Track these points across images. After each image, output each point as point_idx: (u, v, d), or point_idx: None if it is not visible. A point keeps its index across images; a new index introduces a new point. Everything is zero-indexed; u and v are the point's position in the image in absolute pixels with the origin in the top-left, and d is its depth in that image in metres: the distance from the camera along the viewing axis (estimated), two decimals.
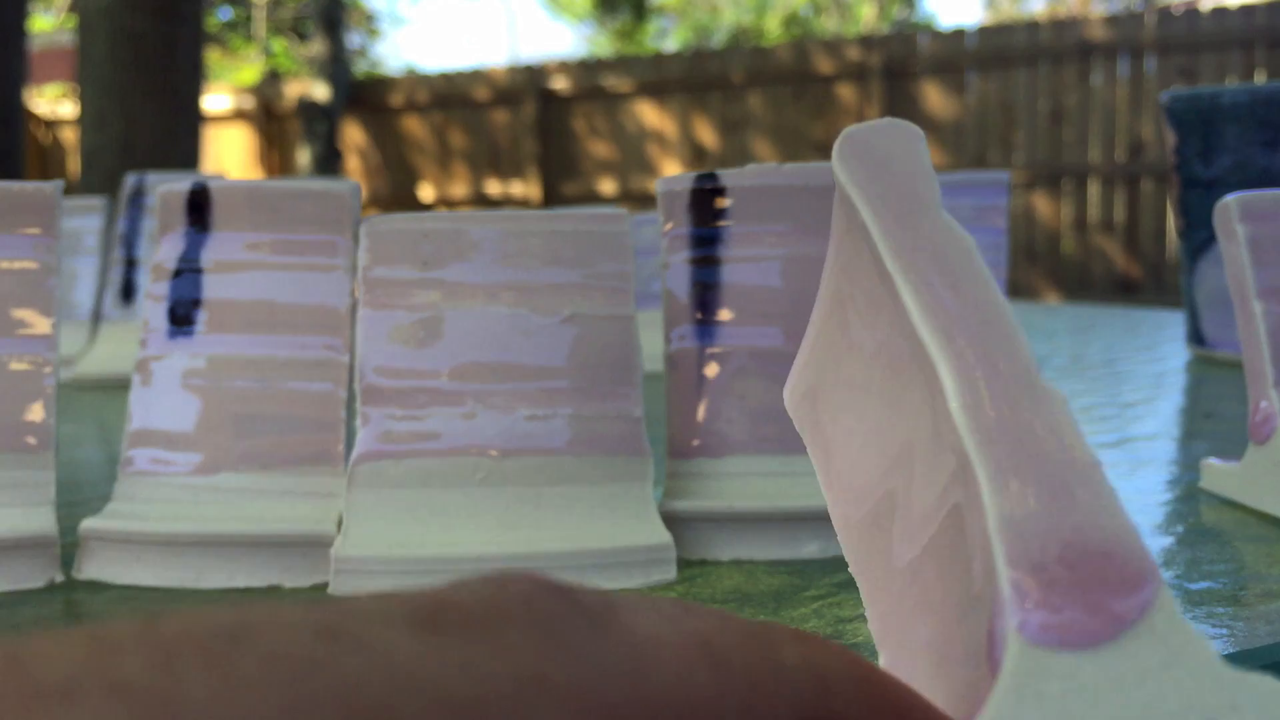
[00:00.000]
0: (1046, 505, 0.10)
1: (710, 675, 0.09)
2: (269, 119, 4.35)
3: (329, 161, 4.05)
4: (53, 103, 4.73)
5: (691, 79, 3.74)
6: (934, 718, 0.10)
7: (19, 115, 2.23)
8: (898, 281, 0.11)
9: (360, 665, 0.09)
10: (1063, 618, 0.09)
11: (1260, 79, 3.03)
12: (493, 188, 4.02)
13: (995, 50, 3.33)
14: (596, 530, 0.27)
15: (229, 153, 4.35)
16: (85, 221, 0.65)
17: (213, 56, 6.07)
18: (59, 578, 0.27)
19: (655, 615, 0.10)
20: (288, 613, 0.09)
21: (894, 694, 0.10)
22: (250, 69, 6.60)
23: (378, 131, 4.25)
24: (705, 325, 0.30)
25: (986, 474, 0.10)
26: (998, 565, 0.09)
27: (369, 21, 7.26)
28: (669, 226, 0.31)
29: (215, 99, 4.27)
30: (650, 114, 3.83)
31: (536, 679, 0.09)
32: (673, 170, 3.58)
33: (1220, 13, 3.16)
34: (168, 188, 0.31)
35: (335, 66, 4.18)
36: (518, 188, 3.97)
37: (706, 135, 3.73)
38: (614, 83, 3.86)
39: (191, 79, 2.33)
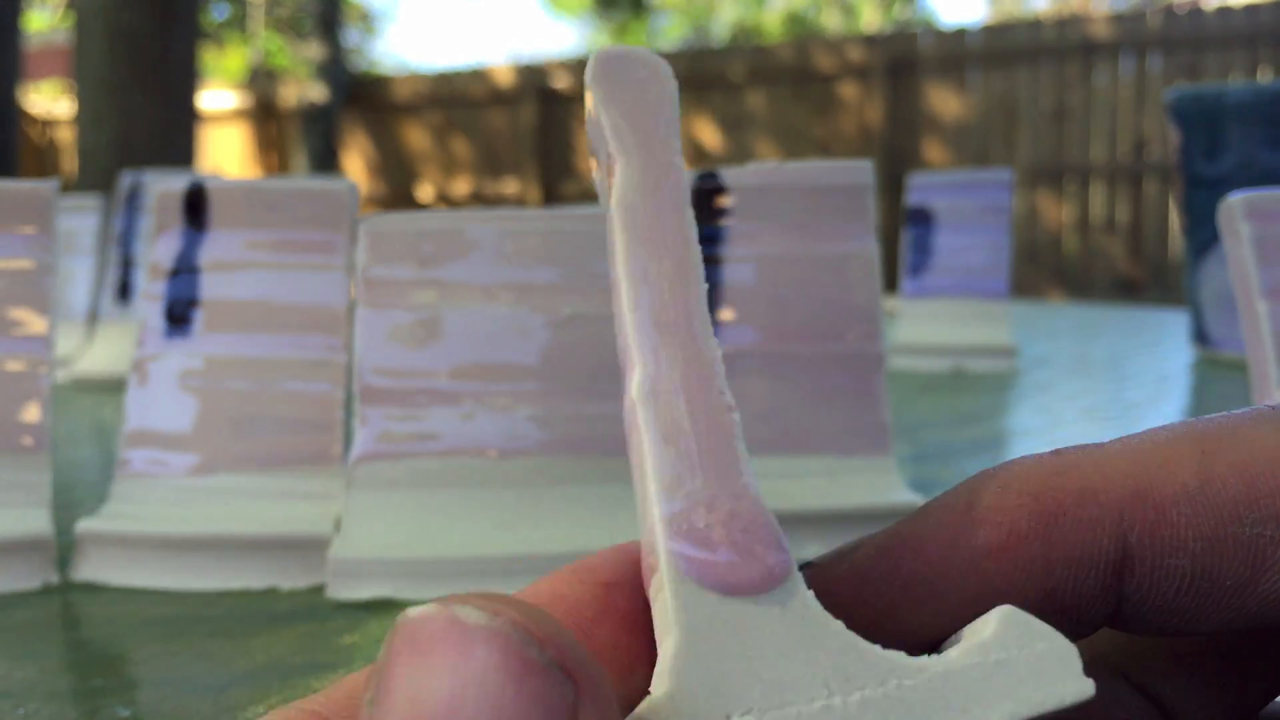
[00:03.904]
0: (699, 465, 0.10)
1: None
2: (266, 117, 4.35)
3: (327, 160, 4.05)
4: (48, 101, 4.73)
5: (692, 77, 3.74)
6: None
7: (14, 113, 2.23)
8: (616, 243, 0.11)
9: None
10: (724, 562, 0.10)
11: (1265, 77, 3.03)
12: (492, 187, 4.02)
13: (998, 48, 3.33)
14: (596, 531, 0.27)
15: (226, 151, 4.35)
16: (81, 220, 0.64)
17: (208, 54, 6.07)
18: (55, 579, 0.27)
19: None
20: None
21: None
22: (236, 56, 6.60)
23: (376, 130, 4.25)
24: None
25: (649, 438, 0.10)
26: (654, 510, 0.10)
27: (366, 20, 7.26)
28: None
29: (212, 97, 4.27)
30: None
31: None
32: None
33: (1225, 11, 3.15)
34: (164, 187, 0.31)
35: (333, 65, 4.18)
36: (517, 187, 3.97)
37: (707, 134, 3.73)
38: None
39: (187, 77, 2.33)
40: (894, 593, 0.11)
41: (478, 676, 0.08)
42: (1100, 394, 0.55)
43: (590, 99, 0.12)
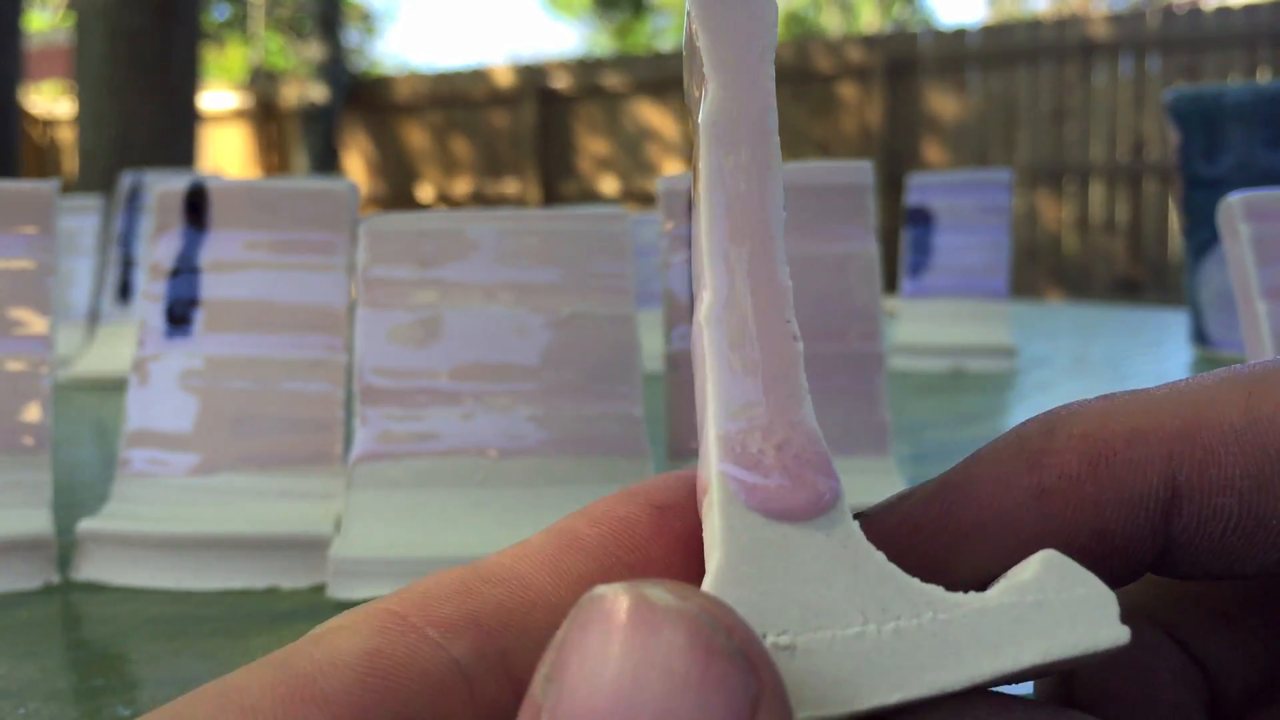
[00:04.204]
0: (761, 390, 0.10)
1: None
2: (267, 118, 4.34)
3: (327, 160, 4.05)
4: (49, 101, 4.73)
5: None
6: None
7: (15, 114, 2.23)
8: (702, 164, 0.11)
9: None
10: (773, 485, 0.10)
11: (1264, 78, 3.03)
12: (492, 187, 4.01)
13: (997, 49, 3.33)
14: None
15: (226, 152, 4.35)
16: (82, 221, 0.64)
17: (208, 54, 6.07)
18: (56, 579, 0.27)
19: None
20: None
21: None
22: (238, 57, 6.60)
23: (376, 131, 4.25)
24: None
25: (712, 360, 0.10)
26: (710, 431, 0.10)
27: (366, 20, 7.26)
28: (669, 226, 0.31)
29: (213, 98, 4.27)
30: (650, 113, 3.83)
31: None
32: (673, 169, 3.57)
33: (1224, 11, 3.15)
34: (165, 187, 0.31)
35: (333, 65, 4.18)
36: (517, 187, 3.97)
37: None
38: (613, 82, 3.85)
39: (188, 77, 2.33)
40: (946, 537, 0.11)
41: (663, 657, 0.08)
42: (1100, 394, 0.55)
43: (689, 19, 0.12)
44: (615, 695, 0.08)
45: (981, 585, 0.11)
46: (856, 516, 0.12)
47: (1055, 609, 0.10)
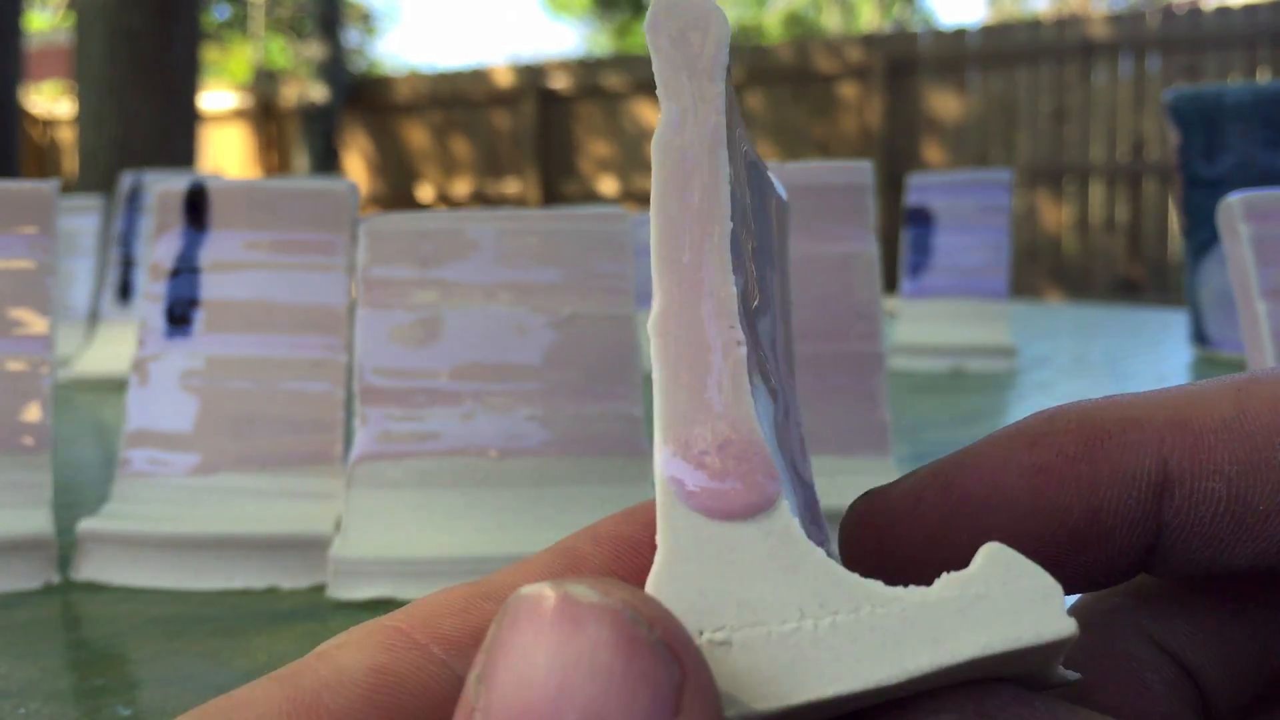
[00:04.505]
0: (702, 394, 0.10)
1: None
2: (267, 118, 4.34)
3: (327, 161, 4.05)
4: (49, 101, 4.73)
5: None
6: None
7: (15, 114, 2.23)
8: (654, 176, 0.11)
9: None
10: (712, 487, 0.10)
11: (1264, 78, 3.03)
12: (492, 187, 4.01)
13: (997, 49, 3.33)
14: None
15: (227, 152, 4.35)
16: (82, 221, 0.64)
17: (208, 54, 6.07)
18: (56, 579, 0.27)
19: None
20: None
21: None
22: (241, 58, 6.60)
23: (376, 131, 4.25)
24: None
25: (655, 368, 0.11)
26: (656, 434, 0.10)
27: (366, 20, 7.26)
28: None
29: (213, 98, 4.27)
30: (650, 113, 3.82)
31: None
32: None
33: (1223, 11, 3.15)
34: (165, 187, 0.31)
35: (333, 65, 4.18)
36: (517, 187, 3.97)
37: None
38: (614, 82, 3.85)
39: (188, 78, 2.33)
40: (945, 509, 0.12)
41: (588, 653, 0.08)
42: (1099, 394, 0.55)
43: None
44: (544, 692, 0.08)
45: None
46: (865, 494, 0.12)
47: (997, 602, 0.10)
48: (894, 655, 0.09)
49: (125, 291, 0.59)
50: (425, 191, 4.12)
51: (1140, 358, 0.67)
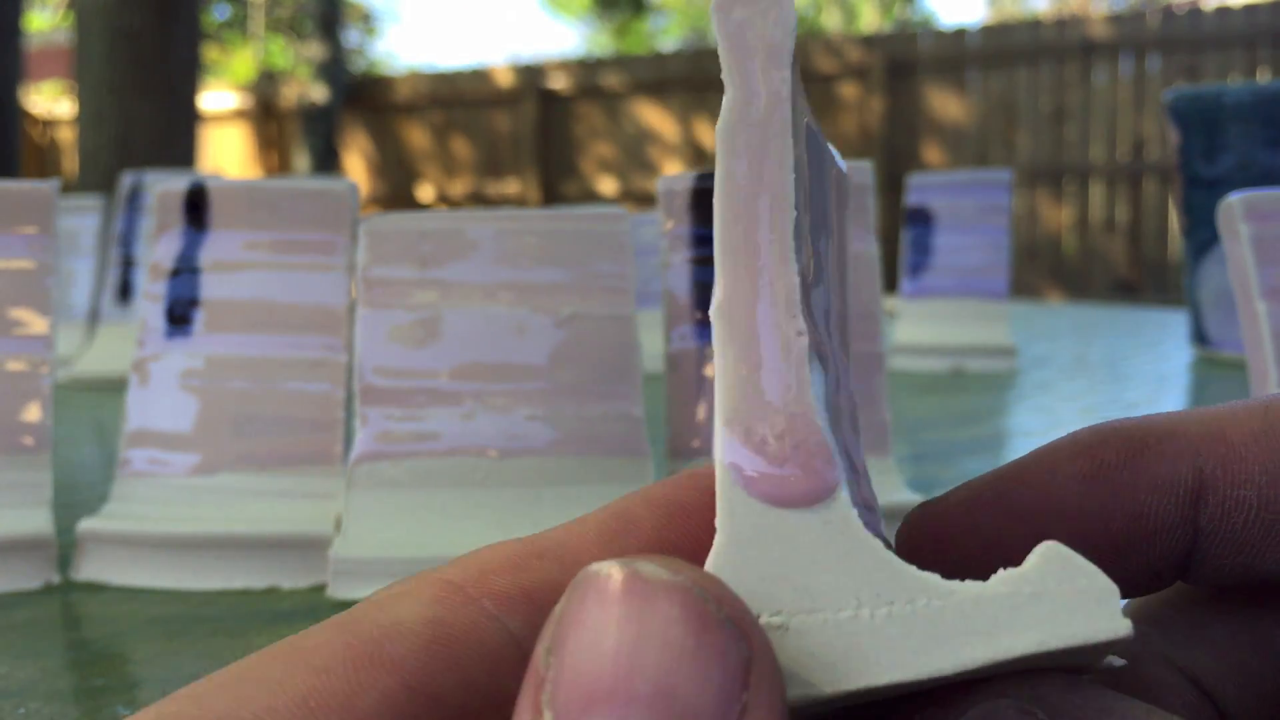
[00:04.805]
0: (762, 382, 0.11)
1: None
2: (267, 118, 4.35)
3: (327, 161, 4.05)
4: (49, 101, 4.73)
5: (692, 78, 3.74)
6: None
7: (15, 114, 2.23)
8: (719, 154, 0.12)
9: None
10: (773, 474, 0.10)
11: (1264, 78, 3.03)
12: (492, 187, 4.02)
13: (997, 49, 3.33)
14: None
15: (227, 152, 4.35)
16: (82, 221, 0.64)
17: (209, 54, 6.08)
18: (56, 579, 0.27)
19: None
20: None
21: None
22: (244, 58, 6.60)
23: (376, 131, 4.25)
24: (705, 325, 0.30)
25: (716, 353, 0.11)
26: (716, 419, 0.10)
27: (366, 20, 7.26)
28: (669, 226, 0.31)
29: (213, 98, 4.27)
30: (650, 113, 3.83)
31: None
32: (673, 170, 3.57)
33: (1223, 11, 3.15)
34: (165, 187, 0.31)
35: (333, 65, 4.18)
36: (517, 187, 3.97)
37: (707, 134, 3.72)
38: (614, 82, 3.85)
39: (189, 78, 2.33)
40: (998, 516, 0.12)
41: (660, 628, 0.08)
42: (1099, 394, 0.55)
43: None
44: (615, 665, 0.08)
45: None
46: (921, 505, 0.13)
47: (1054, 599, 0.10)
48: (949, 647, 0.09)
49: (125, 291, 0.59)
50: (425, 191, 4.12)
51: (1140, 358, 0.67)
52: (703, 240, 0.30)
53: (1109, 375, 0.61)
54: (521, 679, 0.09)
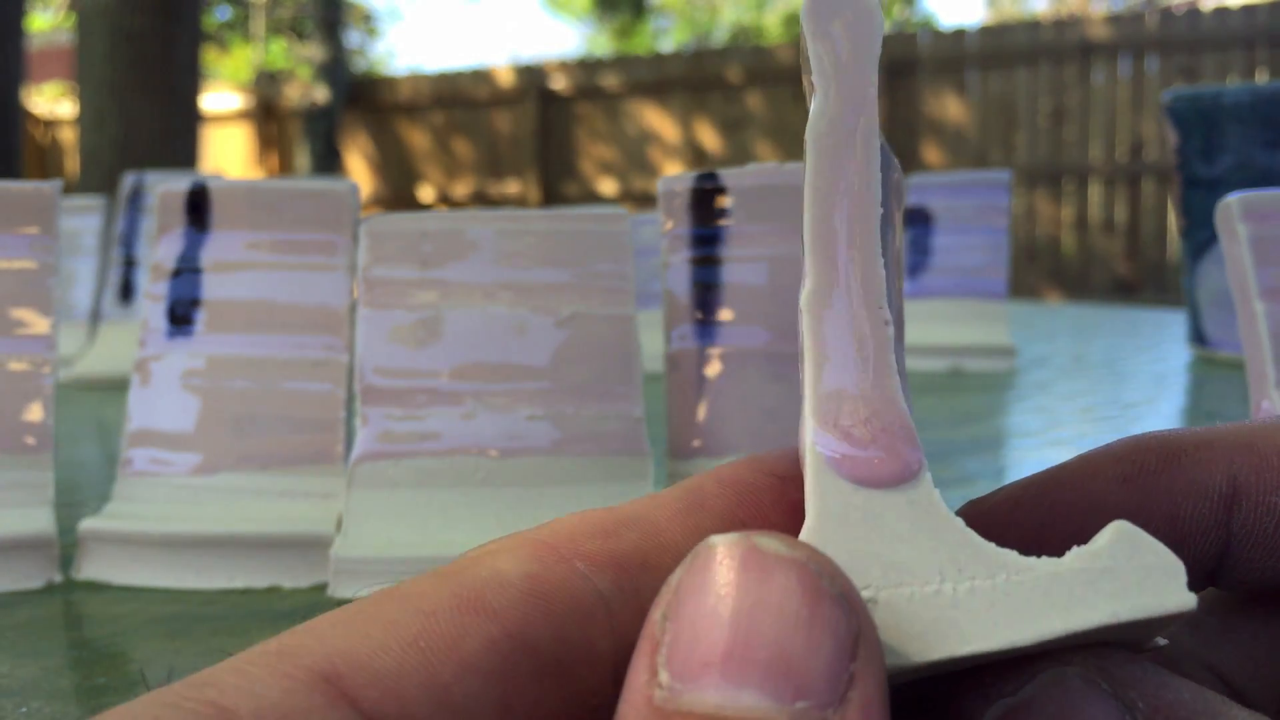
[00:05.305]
0: (852, 369, 0.11)
1: None
2: (268, 118, 4.35)
3: (328, 161, 4.05)
4: (51, 102, 4.73)
5: (691, 79, 3.74)
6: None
7: (17, 114, 2.23)
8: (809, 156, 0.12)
9: None
10: (862, 456, 0.11)
11: (1262, 78, 3.03)
12: (493, 188, 4.02)
13: (996, 49, 3.33)
14: None
15: (228, 152, 4.35)
16: (84, 221, 0.64)
17: (210, 55, 6.08)
18: (57, 578, 0.27)
19: None
20: None
21: None
22: (243, 59, 6.60)
23: (377, 131, 4.25)
24: (705, 325, 0.30)
25: (806, 343, 0.11)
26: (806, 407, 0.11)
27: (367, 21, 7.26)
28: (669, 226, 0.31)
29: (214, 98, 4.27)
30: (650, 114, 3.83)
31: None
32: (673, 170, 3.57)
33: (1222, 12, 3.15)
34: (166, 187, 0.31)
35: (334, 66, 4.18)
36: (518, 187, 3.97)
37: (707, 135, 3.72)
38: (614, 82, 3.85)
39: (190, 78, 2.33)
40: (1041, 513, 0.13)
41: (776, 599, 0.09)
42: (1098, 394, 0.55)
43: (802, 31, 0.13)
44: (733, 631, 0.09)
45: None
46: (966, 504, 0.13)
47: (1126, 574, 0.10)
48: (1029, 620, 0.10)
49: (127, 292, 0.59)
50: (426, 192, 4.12)
51: (1139, 358, 0.67)
52: (703, 240, 0.30)
53: (1108, 375, 0.61)
54: (606, 635, 0.10)
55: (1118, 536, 0.10)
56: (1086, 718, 0.10)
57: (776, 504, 0.12)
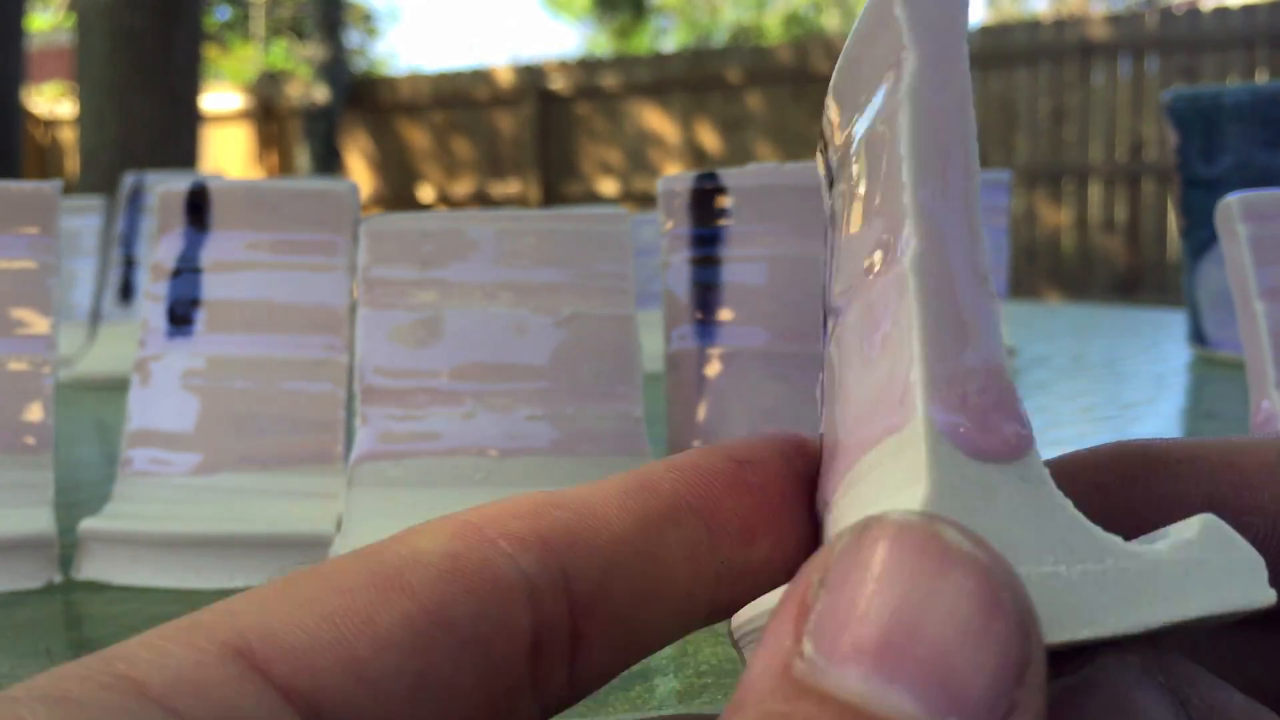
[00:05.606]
0: (964, 338, 0.11)
1: None
2: (268, 118, 4.35)
3: (328, 161, 4.05)
4: (51, 102, 4.73)
5: (691, 79, 3.74)
6: None
7: (17, 115, 2.23)
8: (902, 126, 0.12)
9: None
10: (978, 427, 0.10)
11: (1262, 78, 3.03)
12: (493, 188, 4.02)
13: (996, 49, 3.33)
14: None
15: (228, 152, 4.35)
16: (84, 221, 0.65)
17: (210, 55, 6.08)
18: (57, 578, 0.27)
19: None
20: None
21: None
22: (243, 59, 6.60)
23: (377, 131, 4.25)
24: (705, 325, 0.30)
25: (918, 307, 0.11)
26: (915, 374, 0.11)
27: (367, 20, 7.26)
28: (669, 226, 0.31)
29: (214, 98, 4.27)
30: (650, 114, 3.83)
31: None
32: (673, 170, 3.57)
33: (1222, 12, 3.15)
34: (166, 187, 0.31)
35: (334, 66, 4.19)
36: (518, 187, 3.97)
37: (707, 135, 3.72)
38: (614, 83, 3.85)
39: (190, 78, 2.33)
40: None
41: (949, 598, 0.08)
42: (1098, 394, 0.55)
43: (828, 100, 0.13)
44: (895, 619, 0.08)
45: None
46: None
47: (1217, 568, 0.10)
48: (1135, 607, 0.10)
49: (127, 292, 0.59)
50: (426, 192, 4.12)
51: (1138, 358, 0.67)
52: (703, 240, 0.30)
53: (1107, 375, 0.61)
54: (527, 613, 0.10)
55: (1207, 529, 0.10)
56: (1141, 707, 0.10)
57: (731, 488, 0.12)
